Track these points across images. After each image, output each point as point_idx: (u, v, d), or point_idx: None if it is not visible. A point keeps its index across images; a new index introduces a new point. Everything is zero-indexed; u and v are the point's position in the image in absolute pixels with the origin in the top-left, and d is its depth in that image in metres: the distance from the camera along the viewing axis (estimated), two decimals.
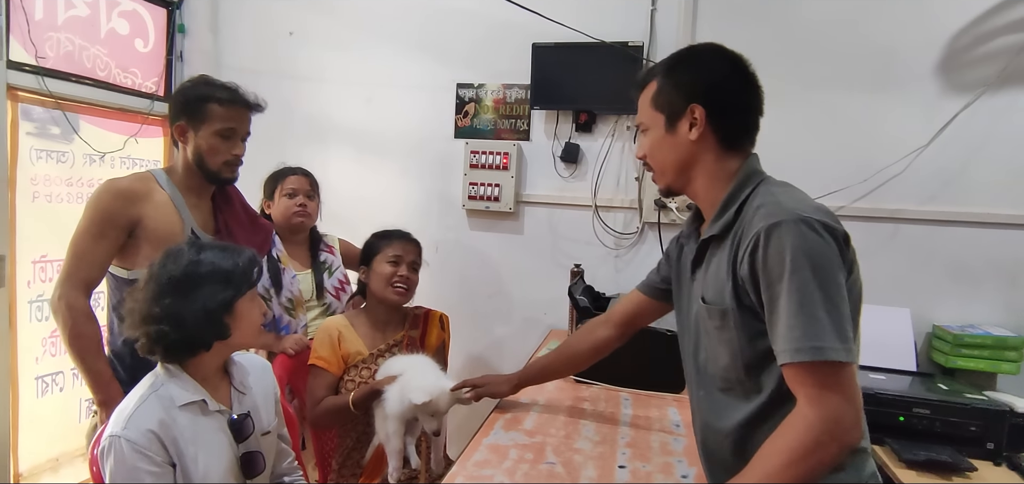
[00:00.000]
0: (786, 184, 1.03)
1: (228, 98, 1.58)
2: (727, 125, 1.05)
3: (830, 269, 0.88)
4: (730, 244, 1.00)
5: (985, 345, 1.96)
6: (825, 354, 0.86)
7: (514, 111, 2.56)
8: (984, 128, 2.07)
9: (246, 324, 1.24)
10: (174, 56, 2.83)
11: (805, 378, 0.89)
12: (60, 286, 1.47)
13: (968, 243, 2.12)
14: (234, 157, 1.61)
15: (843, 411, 0.87)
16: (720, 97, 1.04)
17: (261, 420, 1.32)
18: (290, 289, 1.95)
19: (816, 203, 0.96)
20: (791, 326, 0.88)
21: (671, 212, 2.33)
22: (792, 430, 0.90)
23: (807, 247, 0.88)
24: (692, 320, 1.14)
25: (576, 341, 1.49)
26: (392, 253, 1.75)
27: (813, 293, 0.87)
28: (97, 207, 1.50)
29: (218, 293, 1.18)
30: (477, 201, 2.55)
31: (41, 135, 2.29)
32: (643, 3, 2.36)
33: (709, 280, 1.05)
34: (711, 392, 1.10)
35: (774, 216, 0.91)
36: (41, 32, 2.24)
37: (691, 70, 1.07)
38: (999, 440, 1.66)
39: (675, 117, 1.06)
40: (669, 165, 1.09)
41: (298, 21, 2.80)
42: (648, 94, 1.10)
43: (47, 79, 2.25)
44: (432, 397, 1.43)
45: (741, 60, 1.06)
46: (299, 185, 2.07)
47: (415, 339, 1.82)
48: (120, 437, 1.12)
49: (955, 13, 2.07)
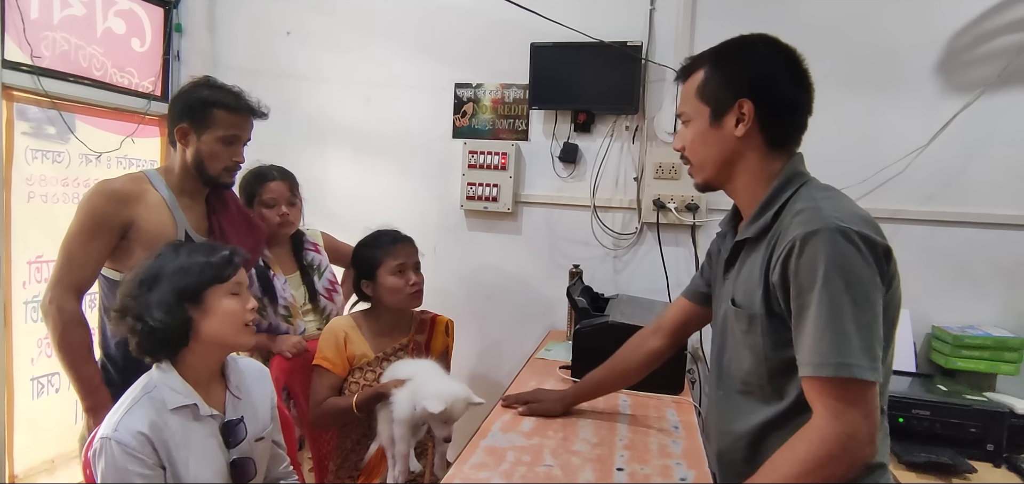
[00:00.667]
0: (830, 189, 0.99)
1: (235, 104, 1.56)
2: (776, 123, 1.01)
3: (864, 284, 0.86)
4: (764, 249, 0.97)
5: (985, 346, 1.95)
6: (850, 371, 0.84)
7: (512, 111, 2.55)
8: (984, 128, 2.06)
9: (220, 316, 1.21)
10: (171, 56, 2.81)
11: (826, 392, 0.87)
12: (51, 289, 1.45)
13: (968, 243, 2.11)
14: (234, 163, 1.60)
15: (859, 428, 0.85)
16: (771, 93, 0.99)
17: (255, 425, 1.31)
18: (284, 296, 1.91)
19: (860, 212, 0.92)
20: (817, 339, 0.86)
21: (670, 213, 2.33)
22: (806, 441, 0.88)
23: (842, 259, 0.85)
24: (721, 320, 1.12)
25: (628, 354, 1.42)
26: (395, 264, 1.72)
27: (844, 307, 0.84)
28: (89, 209, 1.47)
29: (179, 281, 1.17)
30: (475, 201, 2.54)
31: (37, 135, 2.28)
32: (642, 3, 2.35)
33: (740, 283, 1.04)
34: (730, 394, 1.08)
35: (811, 224, 0.88)
36: (37, 31, 2.23)
37: (742, 62, 1.02)
38: (999, 441, 1.66)
39: (722, 111, 1.02)
40: (710, 160, 1.06)
41: (296, 21, 2.79)
42: (694, 83, 1.06)
43: (43, 79, 2.23)
44: (448, 405, 1.42)
45: (795, 54, 1.01)
46: (279, 192, 1.95)
47: (421, 344, 1.81)
48: (111, 439, 1.11)
49: (955, 13, 2.06)
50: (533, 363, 2.01)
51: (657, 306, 2.11)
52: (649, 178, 2.35)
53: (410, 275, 1.73)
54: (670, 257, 2.38)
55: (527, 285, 2.57)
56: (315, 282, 2.02)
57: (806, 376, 0.88)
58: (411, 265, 1.75)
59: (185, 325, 1.18)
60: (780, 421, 0.98)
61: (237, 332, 1.25)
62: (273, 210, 1.94)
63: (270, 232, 1.93)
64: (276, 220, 1.93)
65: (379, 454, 1.63)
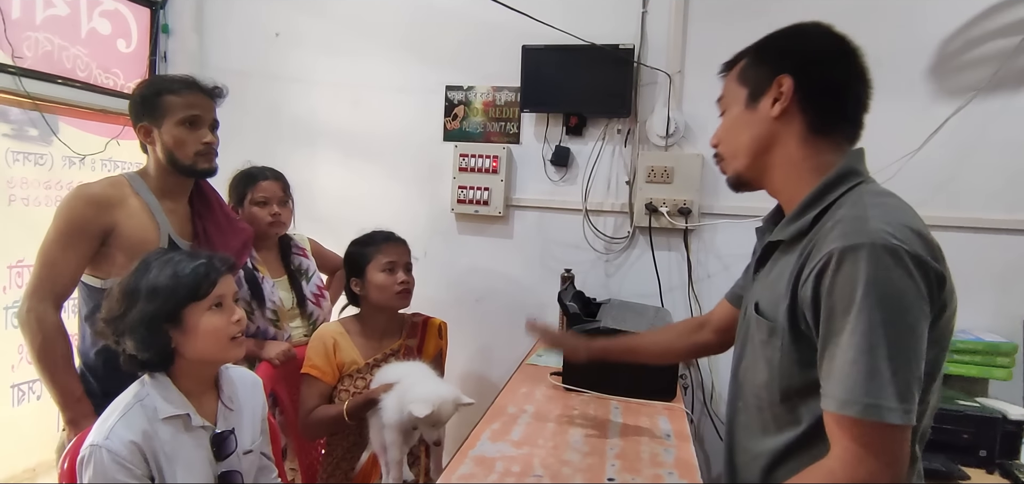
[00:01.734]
0: (887, 195, 0.86)
1: (183, 86, 1.52)
2: (819, 106, 0.89)
3: (908, 313, 0.74)
4: (798, 256, 0.86)
5: (977, 351, 1.94)
6: (879, 414, 0.74)
7: (504, 114, 2.52)
8: (975, 133, 2.06)
9: (202, 335, 1.15)
10: (158, 57, 2.77)
11: (848, 433, 0.77)
12: (28, 298, 1.40)
13: (960, 248, 2.07)
14: (205, 146, 1.53)
15: (879, 477, 0.75)
16: (814, 70, 0.88)
17: (245, 438, 1.28)
18: (272, 299, 1.88)
19: (917, 226, 0.79)
20: (846, 373, 0.76)
21: (662, 217, 2.31)
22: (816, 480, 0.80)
23: (886, 283, 0.74)
24: (743, 324, 1.02)
25: (675, 338, 1.34)
26: (385, 260, 1.70)
27: (880, 340, 0.74)
28: (68, 215, 1.43)
29: (153, 302, 1.12)
30: (466, 205, 2.52)
31: (18, 137, 2.23)
32: (634, 5, 2.34)
33: (767, 288, 0.94)
34: (746, 408, 1.00)
35: (854, 237, 0.77)
36: (18, 31, 2.19)
37: (785, 38, 0.94)
38: (992, 447, 1.65)
39: (759, 91, 0.92)
40: (743, 147, 0.94)
41: (285, 22, 2.76)
42: (736, 70, 0.98)
43: (24, 79, 2.19)
44: (434, 408, 1.38)
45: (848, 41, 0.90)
46: (271, 192, 1.92)
47: (412, 348, 1.77)
48: (101, 447, 1.08)
49: (946, 17, 2.06)
50: (524, 369, 1.99)
51: (649, 311, 2.10)
52: (641, 182, 2.34)
53: (399, 273, 1.70)
54: (662, 261, 2.37)
55: (518, 289, 2.55)
56: (303, 287, 1.99)
57: (829, 411, 0.79)
58: (401, 264, 1.72)
59: (165, 347, 1.14)
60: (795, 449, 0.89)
61: (223, 349, 1.20)
62: (265, 209, 1.91)
63: (261, 232, 1.91)
64: (267, 220, 1.90)
65: (371, 462, 1.60)
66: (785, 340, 0.87)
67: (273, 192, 1.93)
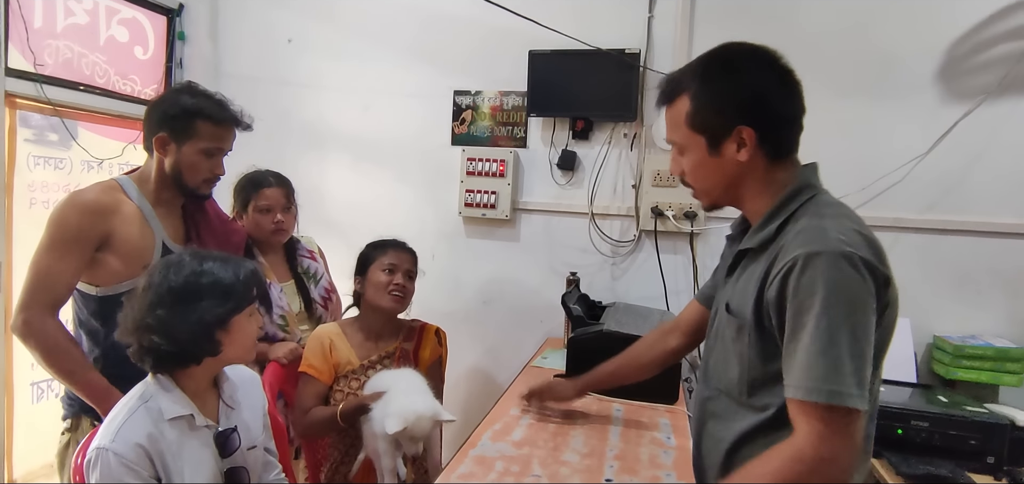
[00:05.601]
0: (838, 205, 0.97)
1: (219, 116, 1.48)
2: (776, 139, 0.98)
3: (863, 311, 0.85)
4: (764, 261, 0.96)
5: (986, 357, 1.93)
6: (842, 399, 0.83)
7: (511, 118, 2.55)
8: (985, 136, 2.04)
9: (240, 340, 1.20)
10: (174, 63, 2.84)
11: (813, 416, 0.86)
12: (25, 310, 1.36)
13: (970, 252, 2.09)
14: (214, 176, 1.53)
15: (842, 455, 0.85)
16: (767, 112, 0.97)
17: (248, 435, 1.31)
18: (280, 304, 1.90)
19: (866, 234, 0.90)
20: (811, 363, 0.85)
21: (668, 220, 2.32)
22: (782, 458, 0.88)
23: (844, 285, 0.84)
24: (715, 322, 1.13)
25: (645, 349, 1.42)
26: (387, 261, 1.73)
27: (841, 334, 0.84)
28: (62, 223, 1.39)
29: (216, 307, 1.14)
30: (474, 209, 2.54)
31: (39, 142, 2.30)
32: (640, 10, 2.35)
33: (737, 291, 1.03)
34: (715, 397, 1.09)
35: (815, 244, 0.87)
36: (40, 39, 2.25)
37: (731, 83, 0.98)
38: (1000, 454, 1.64)
39: (719, 139, 0.98)
40: (716, 187, 1.04)
41: (297, 28, 2.81)
42: (681, 111, 1.02)
43: (45, 86, 2.26)
44: (406, 425, 1.39)
45: (781, 63, 0.98)
46: (274, 199, 1.91)
47: (408, 352, 1.79)
48: (108, 450, 1.10)
49: (955, 20, 2.05)
50: (529, 371, 2.00)
51: (654, 314, 2.10)
52: (647, 185, 2.35)
53: (397, 276, 1.72)
54: (668, 265, 2.37)
55: (525, 292, 2.57)
56: (310, 290, 2.01)
57: (794, 398, 0.88)
58: (402, 269, 1.74)
59: (213, 348, 1.17)
60: (757, 433, 0.99)
61: (250, 352, 1.25)
62: (268, 216, 1.91)
63: (265, 238, 1.93)
64: (270, 227, 1.91)
65: (366, 466, 1.63)
66: (752, 335, 0.97)
67: (276, 199, 1.92)
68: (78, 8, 2.41)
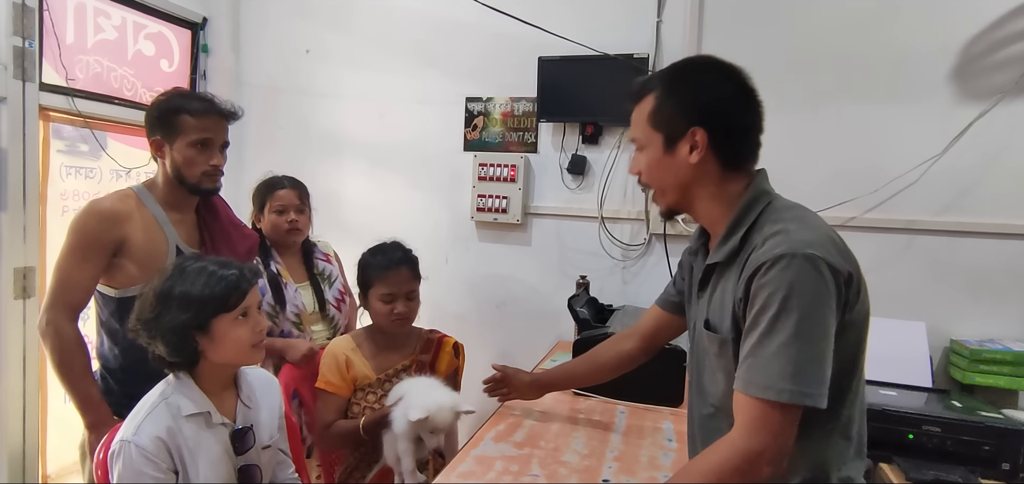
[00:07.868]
0: (796, 208, 0.99)
1: (200, 108, 1.55)
2: (729, 147, 1.01)
3: (821, 312, 0.87)
4: (736, 272, 0.97)
5: (1004, 361, 1.88)
6: (765, 393, 0.87)
7: (521, 124, 2.58)
8: (1002, 136, 2.00)
9: (227, 344, 1.23)
10: (198, 75, 2.94)
11: (745, 409, 0.90)
12: (48, 311, 1.46)
13: (987, 254, 2.04)
14: (212, 168, 1.57)
15: (767, 447, 0.88)
16: (722, 119, 1.00)
17: (263, 434, 1.36)
18: (294, 303, 1.96)
19: (827, 234, 0.93)
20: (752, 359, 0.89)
21: (678, 223, 2.32)
22: (717, 452, 0.92)
23: (804, 287, 0.87)
24: (696, 340, 1.13)
25: (602, 351, 1.46)
26: (384, 291, 1.68)
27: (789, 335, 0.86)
28: (81, 230, 1.48)
29: (183, 315, 1.18)
30: (485, 213, 2.58)
31: (71, 153, 2.42)
32: (649, 15, 2.36)
33: (714, 306, 1.04)
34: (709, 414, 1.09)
35: (781, 247, 0.89)
36: (71, 55, 2.37)
37: (691, 88, 1.02)
38: (1015, 461, 1.60)
39: (674, 138, 1.02)
40: (669, 187, 1.06)
41: (316, 40, 2.89)
42: (644, 109, 1.05)
43: (77, 99, 2.37)
44: (429, 413, 1.41)
45: (742, 75, 1.01)
46: (288, 200, 2.00)
47: (425, 363, 1.77)
48: (130, 442, 1.17)
49: (970, 19, 2.01)
50: None
51: None
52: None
53: (397, 305, 1.68)
54: None
55: (536, 295, 2.59)
56: (325, 291, 2.08)
57: (736, 389, 0.92)
58: (401, 294, 1.69)
59: (193, 352, 1.22)
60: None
61: (244, 356, 1.28)
62: (282, 217, 1.99)
63: (280, 239, 2.00)
64: (285, 227, 1.98)
65: (383, 471, 1.65)
66: (733, 349, 0.98)
67: (290, 200, 2.00)
68: (107, 24, 2.53)
